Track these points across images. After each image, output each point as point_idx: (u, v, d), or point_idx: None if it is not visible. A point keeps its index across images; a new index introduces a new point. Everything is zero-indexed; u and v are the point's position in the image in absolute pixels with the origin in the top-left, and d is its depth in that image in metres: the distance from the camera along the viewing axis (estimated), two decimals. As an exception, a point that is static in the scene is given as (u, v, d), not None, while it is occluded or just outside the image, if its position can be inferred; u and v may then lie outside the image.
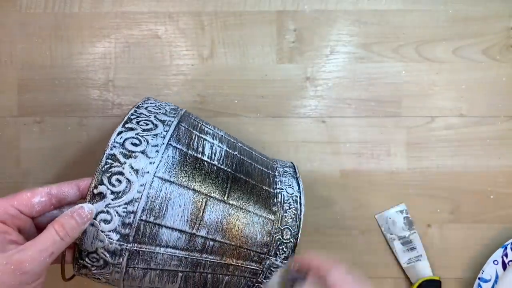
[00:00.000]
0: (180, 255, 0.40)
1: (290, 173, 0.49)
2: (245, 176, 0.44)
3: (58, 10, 0.59)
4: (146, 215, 0.38)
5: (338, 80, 0.59)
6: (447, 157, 0.58)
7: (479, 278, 0.55)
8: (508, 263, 0.55)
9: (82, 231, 0.36)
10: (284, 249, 0.43)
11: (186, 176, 0.40)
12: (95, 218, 0.37)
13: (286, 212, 0.44)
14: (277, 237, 0.43)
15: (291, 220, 0.43)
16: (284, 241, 0.43)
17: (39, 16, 0.59)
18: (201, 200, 0.40)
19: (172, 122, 0.43)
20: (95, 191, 0.37)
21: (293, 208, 0.44)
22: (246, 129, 0.58)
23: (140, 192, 0.37)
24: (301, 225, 0.43)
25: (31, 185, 0.58)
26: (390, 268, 0.58)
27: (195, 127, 0.46)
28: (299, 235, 0.43)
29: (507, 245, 0.55)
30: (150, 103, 0.47)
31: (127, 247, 0.38)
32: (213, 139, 0.45)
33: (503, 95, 0.58)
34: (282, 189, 0.46)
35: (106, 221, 0.37)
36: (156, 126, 0.42)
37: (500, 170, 0.58)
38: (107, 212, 0.37)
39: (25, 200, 0.36)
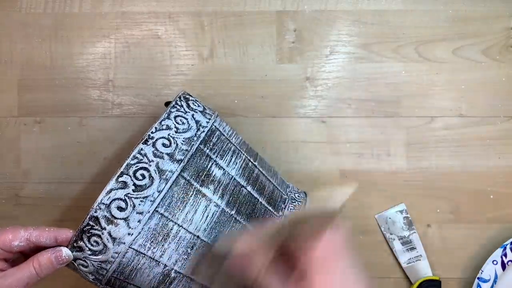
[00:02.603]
0: None
1: None
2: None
3: (58, 10, 0.59)
4: (117, 275, 0.41)
5: (338, 80, 0.59)
6: (446, 157, 0.58)
7: (478, 278, 0.55)
8: (507, 263, 0.55)
9: (55, 270, 0.41)
10: None
11: (161, 251, 0.41)
12: (74, 261, 0.41)
13: None
14: None
15: None
16: None
17: (39, 16, 0.59)
18: (170, 274, 0.41)
19: (173, 173, 0.41)
20: (75, 244, 0.40)
21: None
22: (246, 129, 0.58)
23: (113, 258, 0.40)
24: None
25: (32, 185, 0.58)
26: (390, 268, 0.58)
27: (202, 171, 0.42)
28: None
29: (506, 245, 0.55)
30: (167, 125, 0.43)
31: (100, 286, 0.43)
32: (213, 193, 0.42)
33: (503, 95, 0.58)
34: None
35: (83, 266, 0.41)
36: (152, 181, 0.40)
37: (499, 170, 0.58)
38: (85, 261, 0.41)
39: (7, 242, 0.40)
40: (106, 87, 0.59)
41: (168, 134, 0.42)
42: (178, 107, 0.45)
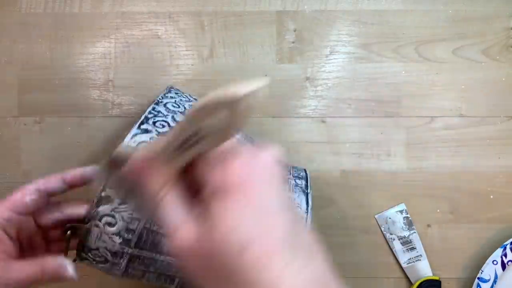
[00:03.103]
0: None
1: (301, 187, 0.47)
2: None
3: (58, 10, 0.59)
4: (151, 224, 0.38)
5: (338, 80, 0.59)
6: (447, 157, 0.58)
7: (478, 278, 0.55)
8: (507, 263, 0.55)
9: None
10: None
11: None
12: (100, 220, 0.37)
13: None
14: None
15: None
16: None
17: (39, 16, 0.59)
18: None
19: None
20: (103, 194, 0.37)
21: None
22: (246, 129, 0.58)
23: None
24: None
25: (31, 185, 0.58)
26: (390, 268, 0.58)
27: None
28: None
29: (506, 245, 0.55)
30: (167, 102, 0.44)
31: (129, 251, 0.38)
32: None
33: (503, 95, 0.58)
34: None
35: (110, 224, 0.37)
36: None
37: (499, 170, 0.58)
38: (113, 216, 0.37)
39: (18, 201, 0.37)
40: (106, 87, 0.59)
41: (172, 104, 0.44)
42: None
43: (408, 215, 0.58)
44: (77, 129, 0.58)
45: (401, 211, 0.58)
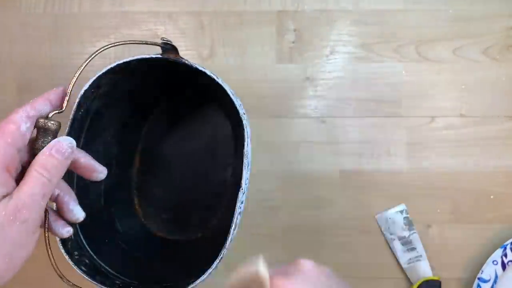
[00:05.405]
0: None
1: None
2: None
3: (58, 11, 0.59)
4: None
5: (338, 80, 0.59)
6: (447, 157, 0.58)
7: (478, 278, 0.55)
8: (507, 263, 0.55)
9: (66, 168, 0.34)
10: None
11: None
12: None
13: None
14: None
15: None
16: None
17: (39, 16, 0.59)
18: None
19: None
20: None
21: None
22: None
23: None
24: None
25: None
26: (390, 269, 0.58)
27: None
28: None
29: (507, 245, 0.55)
30: None
31: None
32: None
33: (503, 95, 0.58)
34: None
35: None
36: None
37: (500, 170, 0.58)
38: None
39: (16, 133, 0.33)
40: (106, 87, 0.59)
41: None
42: None
43: (408, 215, 0.58)
44: (77, 129, 0.58)
45: (401, 211, 0.58)
